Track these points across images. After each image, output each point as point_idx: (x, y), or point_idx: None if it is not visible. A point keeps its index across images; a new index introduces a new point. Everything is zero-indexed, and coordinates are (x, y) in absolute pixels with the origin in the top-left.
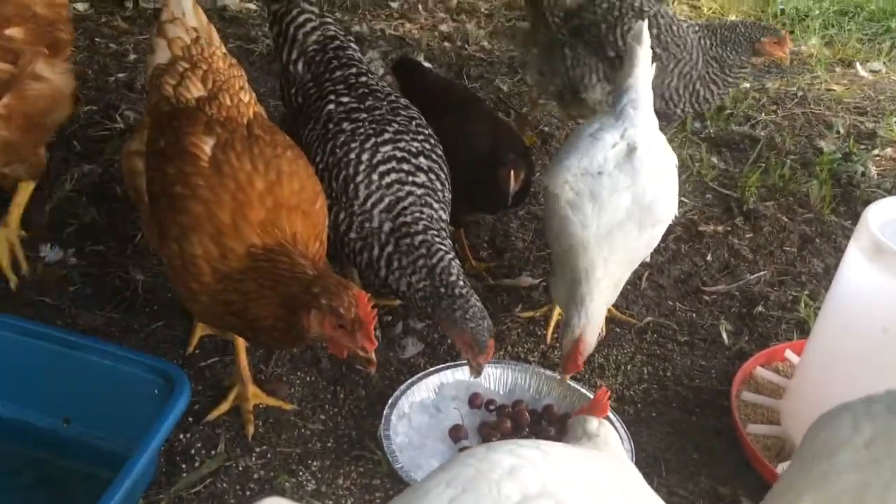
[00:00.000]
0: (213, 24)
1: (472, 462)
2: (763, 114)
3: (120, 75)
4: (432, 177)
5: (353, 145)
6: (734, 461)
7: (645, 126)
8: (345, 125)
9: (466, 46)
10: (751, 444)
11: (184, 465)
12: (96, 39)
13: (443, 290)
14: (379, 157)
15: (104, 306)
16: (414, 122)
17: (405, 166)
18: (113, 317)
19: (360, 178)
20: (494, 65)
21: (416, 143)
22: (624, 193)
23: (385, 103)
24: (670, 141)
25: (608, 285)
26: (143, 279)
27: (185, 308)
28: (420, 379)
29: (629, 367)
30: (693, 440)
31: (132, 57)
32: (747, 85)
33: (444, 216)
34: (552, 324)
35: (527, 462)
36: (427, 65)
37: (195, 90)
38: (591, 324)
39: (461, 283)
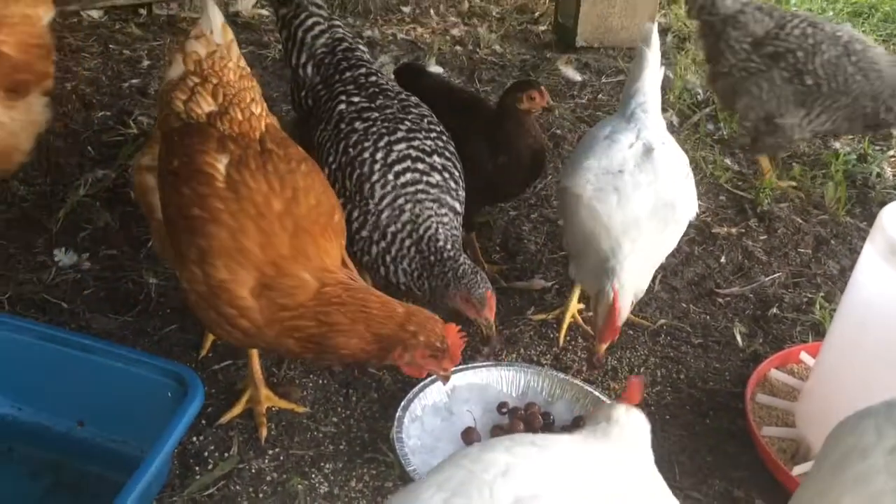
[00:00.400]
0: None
1: (464, 463)
2: None
3: (133, 81)
4: (446, 175)
5: (366, 144)
6: (748, 464)
7: (656, 128)
8: (357, 124)
9: (478, 50)
10: (765, 447)
11: (197, 468)
12: (110, 46)
13: (432, 258)
14: (394, 156)
15: (118, 310)
16: (425, 120)
17: (420, 165)
18: (126, 320)
19: (375, 177)
20: (506, 68)
21: (429, 142)
22: (646, 190)
23: (396, 102)
24: (684, 143)
25: (635, 263)
26: (156, 283)
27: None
28: (432, 382)
29: (642, 370)
30: (707, 443)
31: (146, 63)
32: None
33: (459, 208)
34: (565, 326)
35: (522, 461)
36: (437, 69)
37: (206, 105)
38: (624, 287)
39: (449, 246)
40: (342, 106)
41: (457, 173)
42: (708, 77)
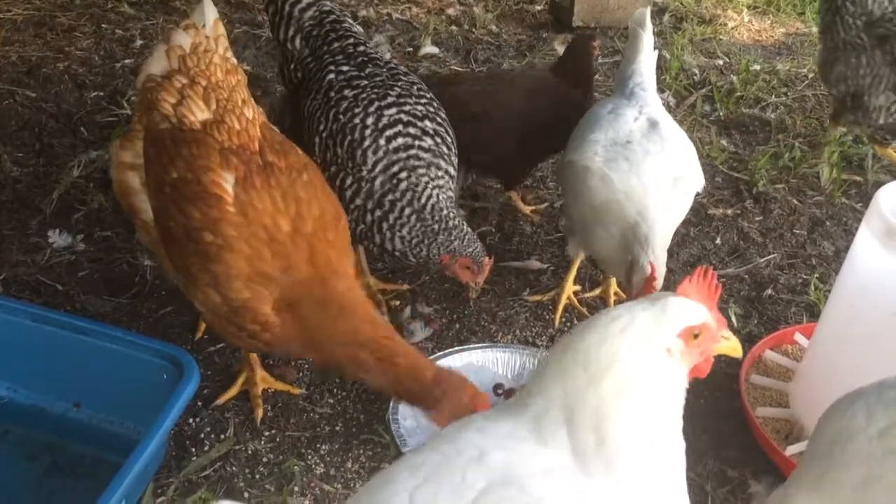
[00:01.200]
0: (220, 11)
1: (439, 447)
2: (773, 96)
3: (126, 61)
4: (438, 140)
5: (356, 110)
6: (743, 444)
7: (656, 105)
8: (346, 92)
9: (474, 30)
10: (760, 427)
11: (193, 449)
12: (103, 25)
13: (436, 226)
14: (385, 120)
15: (113, 292)
16: (415, 87)
17: (412, 130)
18: (121, 302)
19: (367, 143)
20: (502, 48)
21: (419, 107)
22: (656, 158)
23: (384, 70)
24: (680, 123)
25: (661, 227)
26: (150, 265)
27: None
28: None
29: None
30: (701, 423)
31: (139, 43)
32: (757, 67)
33: (453, 172)
34: (560, 307)
35: (495, 443)
36: (433, 49)
37: (199, 112)
38: (660, 259)
39: (452, 214)
40: (331, 76)
41: (449, 138)
42: (818, 55)
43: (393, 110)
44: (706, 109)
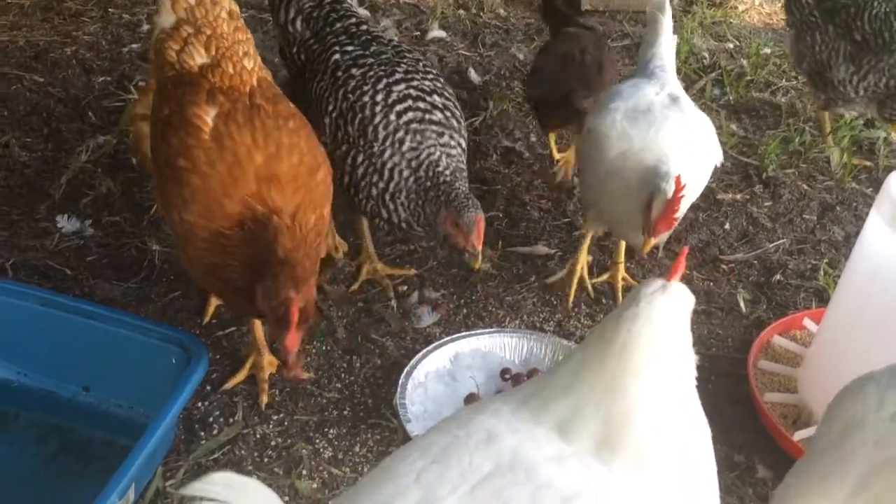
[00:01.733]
0: None
1: (450, 428)
2: (784, 80)
3: (134, 46)
4: (448, 114)
5: (365, 88)
6: (750, 429)
7: (676, 86)
8: (353, 71)
9: (482, 14)
10: (768, 413)
11: (202, 433)
12: (109, 10)
13: (427, 183)
14: (394, 96)
15: (121, 277)
16: (421, 63)
17: (421, 104)
18: (130, 287)
19: (377, 119)
20: (510, 32)
21: (427, 82)
22: (676, 123)
23: (389, 48)
24: None
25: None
26: (159, 249)
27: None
28: (436, 348)
29: None
30: (709, 408)
31: (146, 27)
32: (767, 50)
33: (464, 145)
34: (573, 285)
35: (507, 428)
36: (441, 33)
37: (198, 57)
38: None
39: (448, 172)
40: (336, 56)
41: (458, 112)
42: (789, 38)
43: (402, 86)
44: (716, 93)
